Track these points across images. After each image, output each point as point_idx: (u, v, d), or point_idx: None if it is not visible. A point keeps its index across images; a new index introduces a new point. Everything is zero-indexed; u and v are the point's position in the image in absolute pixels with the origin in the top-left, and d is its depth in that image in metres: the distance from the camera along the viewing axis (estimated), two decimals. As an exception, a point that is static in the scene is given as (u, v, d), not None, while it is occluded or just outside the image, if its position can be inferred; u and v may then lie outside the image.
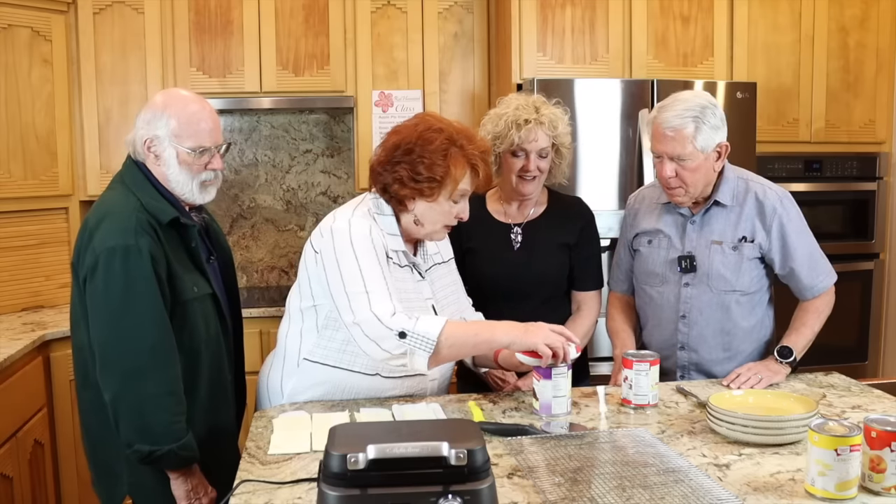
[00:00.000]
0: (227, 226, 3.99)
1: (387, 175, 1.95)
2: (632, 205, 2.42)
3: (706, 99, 2.13)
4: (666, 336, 2.28)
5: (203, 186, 1.99)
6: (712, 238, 2.21)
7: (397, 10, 3.66)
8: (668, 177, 2.13)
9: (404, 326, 1.80)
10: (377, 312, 1.82)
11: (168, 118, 1.93)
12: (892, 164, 3.82)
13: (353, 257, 1.88)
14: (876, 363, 3.87)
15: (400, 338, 1.80)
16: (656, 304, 2.30)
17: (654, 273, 2.29)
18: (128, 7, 3.50)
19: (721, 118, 2.13)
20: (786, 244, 2.18)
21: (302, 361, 2.02)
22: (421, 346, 1.79)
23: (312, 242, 1.99)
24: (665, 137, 2.11)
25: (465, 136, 1.95)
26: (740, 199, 2.21)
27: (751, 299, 2.23)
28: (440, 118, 1.99)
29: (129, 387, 1.79)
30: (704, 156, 2.11)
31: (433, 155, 1.91)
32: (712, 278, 2.21)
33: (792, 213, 2.19)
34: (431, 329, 1.79)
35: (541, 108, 2.31)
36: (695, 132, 2.08)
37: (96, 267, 1.81)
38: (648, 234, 2.32)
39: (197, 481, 1.91)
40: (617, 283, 2.47)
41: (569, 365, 1.90)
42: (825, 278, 2.23)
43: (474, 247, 2.39)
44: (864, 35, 3.73)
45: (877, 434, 1.42)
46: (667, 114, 2.11)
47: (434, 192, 1.93)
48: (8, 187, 3.28)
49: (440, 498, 1.20)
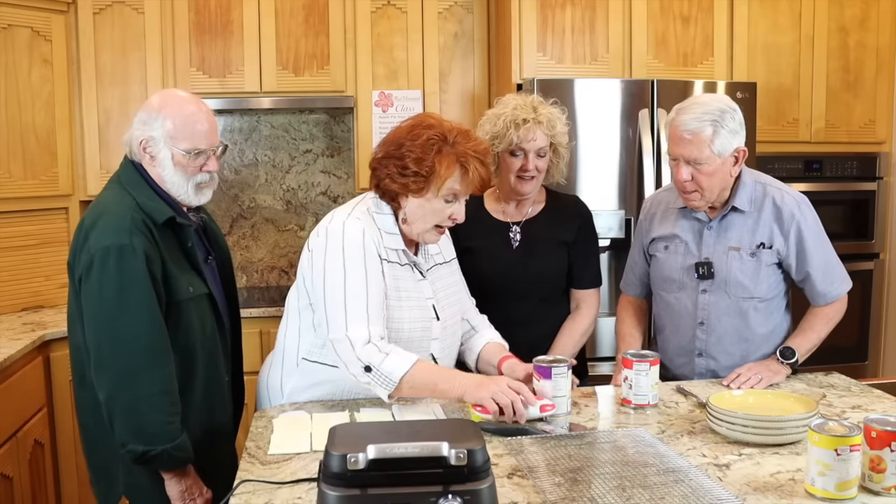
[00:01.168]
0: (227, 226, 3.99)
1: (380, 170, 1.96)
2: (648, 208, 2.39)
3: (726, 103, 2.10)
4: (683, 343, 2.26)
5: (198, 188, 1.98)
6: (730, 244, 2.19)
7: (397, 10, 3.66)
8: (683, 180, 2.10)
9: (371, 361, 1.83)
10: (351, 337, 1.84)
11: (164, 119, 1.92)
12: (892, 164, 3.82)
13: (340, 267, 1.88)
14: (876, 363, 3.87)
15: (365, 371, 1.83)
16: (673, 311, 2.28)
17: (671, 279, 2.27)
18: (128, 7, 3.50)
19: (740, 123, 2.10)
20: (803, 249, 2.16)
21: (301, 361, 2.02)
22: (382, 384, 1.83)
23: (309, 241, 2.00)
24: (682, 140, 2.08)
25: (459, 135, 1.93)
26: (758, 204, 2.18)
27: (768, 305, 2.21)
28: (438, 118, 1.99)
29: (124, 386, 1.79)
30: (721, 160, 2.08)
31: (420, 149, 1.89)
32: (730, 285, 2.18)
33: (809, 218, 2.17)
34: (396, 370, 1.82)
35: (538, 107, 2.32)
36: (712, 136, 2.05)
37: (91, 266, 1.81)
38: (665, 239, 2.29)
39: (191, 482, 1.91)
40: (629, 286, 2.46)
41: (569, 365, 1.91)
42: (840, 285, 2.21)
43: (473, 246, 2.39)
44: (864, 35, 3.73)
45: (877, 434, 1.42)
46: (685, 116, 2.07)
47: (421, 187, 1.91)
48: (8, 187, 3.28)
49: (440, 498, 1.20)
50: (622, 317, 2.43)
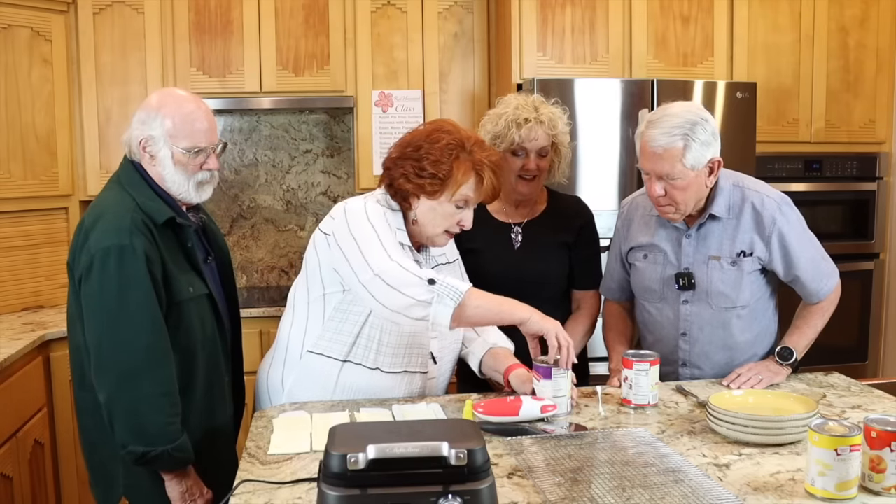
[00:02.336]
0: (227, 226, 3.99)
1: (395, 170, 1.98)
2: (625, 214, 2.34)
3: (696, 113, 2.01)
4: (667, 353, 2.21)
5: (199, 186, 1.98)
6: (710, 253, 2.14)
7: (397, 10, 3.66)
8: (657, 195, 2.04)
9: (432, 275, 1.81)
10: (400, 262, 1.83)
11: (163, 118, 1.92)
12: (892, 164, 3.82)
13: (369, 227, 1.90)
14: (876, 363, 3.87)
15: (429, 283, 1.79)
16: (655, 321, 2.25)
17: (652, 289, 2.23)
18: (128, 7, 3.50)
19: (713, 133, 2.01)
20: (788, 253, 2.11)
21: (305, 354, 2.02)
22: (449, 295, 1.78)
23: (322, 228, 2.00)
24: (653, 156, 2.00)
25: (476, 144, 1.97)
26: (736, 210, 2.12)
27: (752, 311, 2.17)
28: (455, 125, 2.01)
29: (124, 387, 1.79)
30: (695, 173, 2.01)
31: (439, 152, 1.92)
32: (712, 296, 2.14)
33: (792, 219, 2.12)
34: (460, 285, 1.81)
35: (540, 107, 2.33)
36: (684, 150, 1.97)
37: (91, 267, 1.81)
38: (643, 248, 2.24)
39: (192, 482, 1.91)
40: (609, 291, 2.42)
41: (568, 366, 1.91)
42: (829, 281, 2.17)
43: (475, 247, 2.39)
44: (864, 35, 3.73)
45: (877, 434, 1.42)
46: (654, 131, 1.99)
47: (436, 190, 1.94)
48: (8, 187, 3.28)
49: (440, 498, 1.20)
50: (609, 323, 2.41)
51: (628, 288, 2.35)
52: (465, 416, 1.84)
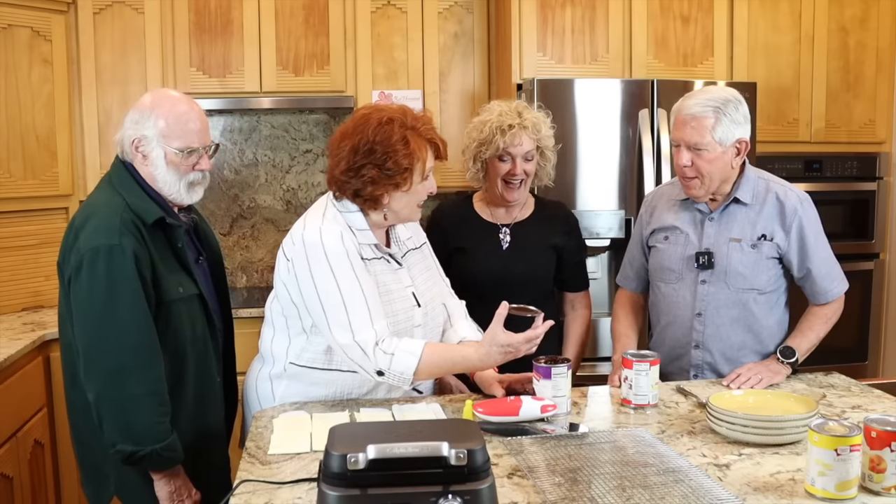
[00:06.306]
0: (227, 226, 3.99)
1: (355, 181, 1.92)
2: (650, 201, 2.41)
3: (732, 94, 2.15)
4: (680, 335, 2.26)
5: (190, 187, 1.98)
6: (731, 235, 2.20)
7: (397, 10, 3.66)
8: (683, 165, 2.13)
9: (380, 365, 1.85)
10: (359, 341, 1.85)
11: (156, 118, 1.92)
12: (892, 164, 3.82)
13: (329, 275, 1.88)
14: (876, 363, 3.87)
15: (379, 375, 1.87)
16: (671, 302, 2.28)
17: (670, 269, 2.27)
18: (128, 7, 3.50)
19: (744, 115, 2.14)
20: (804, 245, 2.17)
21: (289, 366, 2.01)
22: (399, 382, 1.87)
23: (284, 249, 1.99)
24: (684, 124, 2.12)
25: (412, 117, 1.95)
26: (760, 198, 2.20)
27: (768, 299, 2.22)
28: (380, 107, 1.97)
29: (112, 387, 1.79)
30: (722, 149, 2.11)
31: (396, 146, 1.89)
32: (730, 276, 2.19)
33: (811, 215, 2.19)
34: (407, 368, 1.85)
35: (523, 112, 2.40)
36: (714, 123, 2.09)
37: (80, 267, 1.81)
38: (665, 230, 2.30)
39: (181, 483, 1.91)
40: (625, 279, 2.46)
41: (569, 365, 1.91)
42: (839, 284, 2.23)
43: (464, 246, 2.43)
44: (864, 35, 3.73)
45: (877, 434, 1.42)
46: (689, 101, 2.13)
47: (407, 180, 1.92)
48: (8, 187, 3.28)
49: (440, 498, 1.20)
50: (618, 314, 2.44)
51: (645, 276, 2.40)
52: (465, 416, 1.84)
